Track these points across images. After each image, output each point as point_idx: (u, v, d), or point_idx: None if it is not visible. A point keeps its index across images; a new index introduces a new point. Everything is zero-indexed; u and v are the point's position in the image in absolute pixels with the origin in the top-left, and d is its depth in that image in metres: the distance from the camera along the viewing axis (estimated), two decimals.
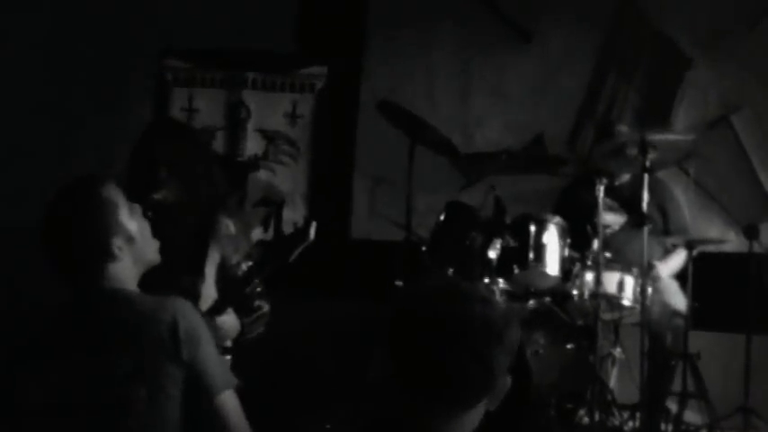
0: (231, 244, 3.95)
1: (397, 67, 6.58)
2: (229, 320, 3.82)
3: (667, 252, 5.53)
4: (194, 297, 3.77)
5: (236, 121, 6.58)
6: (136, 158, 4.00)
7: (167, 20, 6.60)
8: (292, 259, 3.72)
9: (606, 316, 5.14)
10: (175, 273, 3.77)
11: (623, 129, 5.52)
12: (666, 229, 5.61)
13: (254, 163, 6.53)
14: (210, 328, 3.47)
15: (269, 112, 6.62)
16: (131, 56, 6.61)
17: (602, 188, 4.99)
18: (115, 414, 2.67)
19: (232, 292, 3.77)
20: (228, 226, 3.96)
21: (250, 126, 6.59)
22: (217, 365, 2.81)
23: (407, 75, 6.57)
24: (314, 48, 6.67)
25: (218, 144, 6.56)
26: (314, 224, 3.70)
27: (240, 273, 3.99)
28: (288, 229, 6.25)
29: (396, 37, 6.59)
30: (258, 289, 3.97)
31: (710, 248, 5.61)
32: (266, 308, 4.04)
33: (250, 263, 3.95)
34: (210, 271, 3.88)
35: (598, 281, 4.98)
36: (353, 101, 6.59)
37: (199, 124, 6.53)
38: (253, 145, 6.59)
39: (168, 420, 2.71)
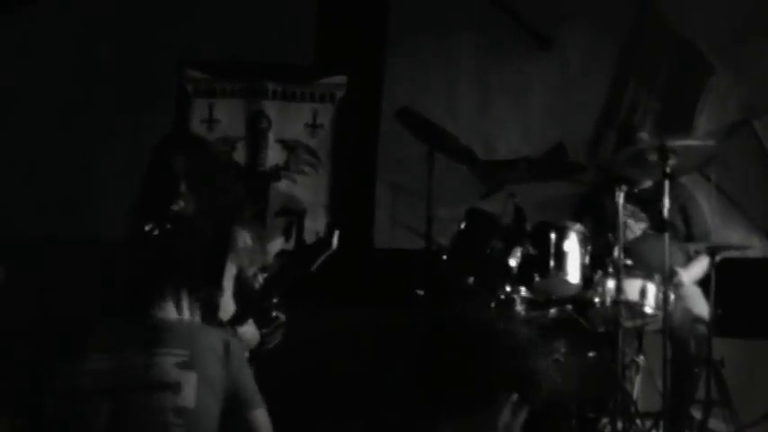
0: (247, 256, 3.96)
1: (418, 76, 6.58)
2: (250, 331, 3.84)
3: (689, 258, 5.50)
4: (212, 308, 3.78)
5: (256, 132, 6.59)
6: (153, 171, 4.02)
7: (187, 31, 6.64)
8: (315, 268, 3.74)
9: (628, 323, 5.11)
10: (194, 284, 3.80)
11: (644, 135, 5.50)
12: (689, 234, 5.58)
13: (276, 173, 6.54)
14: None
15: (289, 122, 6.63)
16: (152, 67, 6.65)
17: (622, 195, 4.97)
18: (168, 394, 2.96)
19: (251, 303, 3.79)
20: (245, 238, 3.97)
21: (271, 136, 6.60)
22: (254, 387, 3.13)
23: (428, 84, 6.56)
24: (334, 57, 6.67)
25: (239, 155, 6.57)
26: (337, 233, 3.72)
27: (257, 284, 4.00)
28: (310, 238, 6.27)
29: (416, 46, 6.59)
30: (275, 300, 3.99)
31: (734, 254, 5.57)
32: (283, 318, 4.05)
33: (266, 275, 3.96)
34: (228, 283, 3.89)
35: (619, 288, 4.95)
36: (374, 110, 6.59)
37: (219, 135, 6.56)
38: (274, 155, 6.60)
39: (211, 416, 2.99)
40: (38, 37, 6.71)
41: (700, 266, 5.43)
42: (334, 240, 3.75)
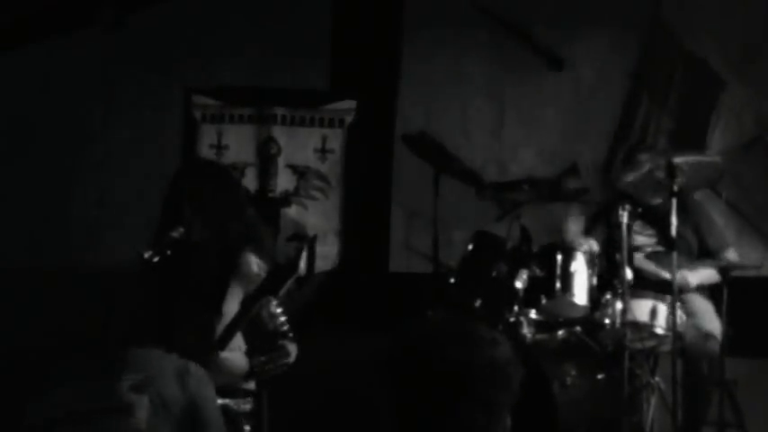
0: (254, 282, 3.95)
1: (431, 99, 6.57)
2: (233, 357, 3.81)
3: None
4: (209, 334, 3.78)
5: (266, 157, 6.60)
6: (166, 197, 4.04)
7: (196, 58, 6.68)
8: (282, 293, 3.71)
9: (638, 345, 5.04)
10: (194, 310, 3.80)
11: (644, 156, 5.45)
12: (704, 250, 5.51)
13: (286, 199, 6.54)
14: (211, 363, 3.52)
15: (299, 147, 6.63)
16: (160, 95, 6.69)
17: (626, 215, 4.92)
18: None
19: (230, 327, 3.76)
20: (252, 264, 3.96)
21: (280, 162, 6.61)
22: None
23: (441, 106, 6.55)
24: (348, 82, 6.68)
25: (249, 180, 6.57)
26: (304, 255, 3.69)
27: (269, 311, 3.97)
28: (321, 264, 6.28)
29: (429, 68, 6.59)
30: (284, 328, 3.96)
31: (747, 273, 5.49)
32: (289, 349, 4.00)
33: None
34: (232, 308, 3.87)
35: (624, 309, 4.89)
36: (387, 134, 6.58)
37: (228, 161, 6.55)
38: (283, 181, 6.60)
39: None
40: (54, 67, 6.77)
41: (707, 271, 5.36)
42: (302, 264, 3.72)
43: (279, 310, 3.95)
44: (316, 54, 6.65)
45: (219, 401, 3.81)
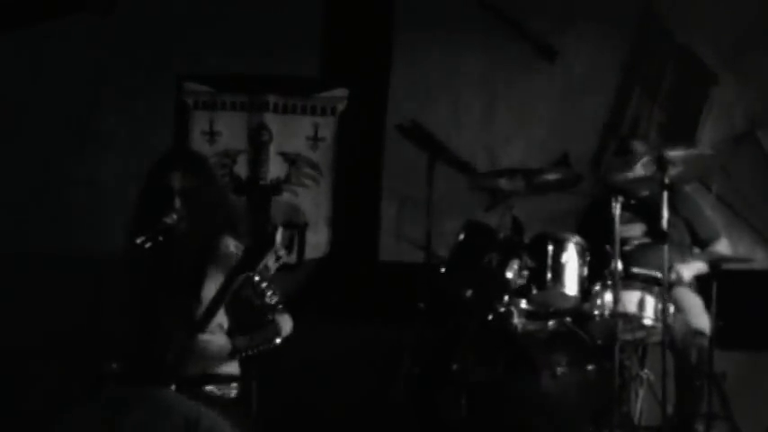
0: (231, 262, 3.94)
1: (423, 89, 6.57)
2: (214, 339, 3.82)
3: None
4: (189, 318, 3.80)
5: (258, 145, 6.59)
6: (151, 186, 4.05)
7: (188, 44, 6.66)
8: (259, 269, 3.71)
9: (627, 336, 5.07)
10: (174, 295, 3.82)
11: (638, 145, 5.48)
12: (696, 240, 5.55)
13: (277, 186, 6.55)
14: (191, 348, 3.57)
15: (290, 135, 6.62)
16: (152, 81, 6.66)
17: (618, 206, 4.94)
18: None
19: (209, 308, 3.77)
20: (229, 246, 3.97)
21: (272, 149, 6.60)
22: None
23: (432, 96, 6.56)
24: (339, 70, 6.67)
25: (240, 167, 6.57)
26: (280, 230, 3.69)
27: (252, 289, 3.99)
28: (311, 252, 6.30)
29: (421, 58, 6.58)
30: (274, 301, 3.96)
31: (737, 266, 5.53)
32: (279, 323, 4.01)
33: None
34: (211, 292, 3.88)
35: (616, 300, 4.92)
36: (378, 123, 6.58)
37: (220, 148, 6.57)
38: (275, 168, 6.59)
39: None
40: (45, 52, 6.75)
41: (699, 264, 5.40)
42: (278, 238, 3.71)
43: (264, 285, 3.96)
44: (308, 42, 6.64)
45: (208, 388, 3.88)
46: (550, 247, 5.10)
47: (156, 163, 4.15)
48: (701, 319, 5.25)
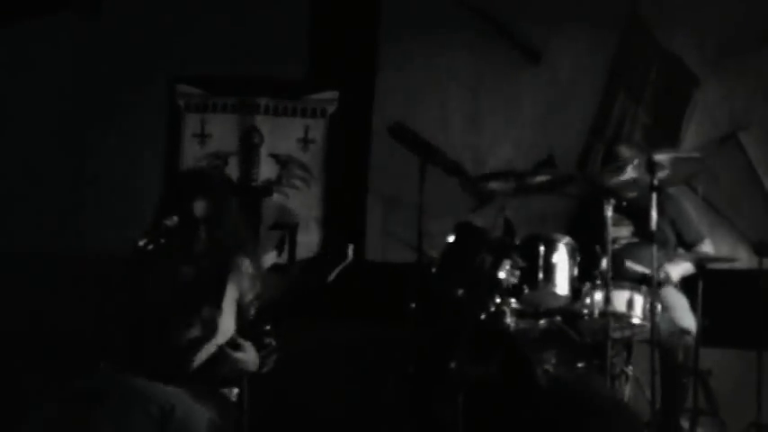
0: (248, 282, 4.05)
1: (409, 90, 6.62)
2: (251, 355, 3.89)
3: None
4: (212, 328, 3.88)
5: (249, 147, 6.63)
6: (171, 207, 4.07)
7: (179, 46, 6.69)
8: (331, 279, 3.82)
9: (616, 334, 5.16)
10: (198, 305, 3.89)
11: (624, 150, 5.55)
12: (681, 242, 5.65)
13: (268, 188, 6.59)
14: (231, 362, 3.63)
15: (281, 137, 6.67)
16: (144, 82, 6.69)
17: (610, 208, 5.03)
18: None
19: (246, 330, 3.87)
20: (247, 266, 4.05)
21: (263, 151, 6.65)
22: None
23: (419, 97, 6.61)
24: (326, 72, 6.71)
25: (232, 169, 6.62)
26: (351, 245, 3.79)
27: (252, 312, 4.07)
28: (302, 252, 6.33)
29: (407, 60, 6.63)
30: (267, 327, 4.05)
31: (721, 266, 5.63)
32: (275, 344, 4.10)
33: (258, 303, 4.04)
34: (228, 305, 3.96)
35: (607, 300, 5.01)
36: (365, 125, 6.64)
37: (211, 150, 6.62)
38: (266, 170, 6.64)
39: None
40: (33, 51, 6.75)
41: (686, 264, 5.50)
42: (350, 252, 3.82)
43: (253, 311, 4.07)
44: (298, 44, 6.69)
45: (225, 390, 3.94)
46: (542, 248, 5.17)
47: (176, 187, 4.23)
48: (686, 317, 5.36)
